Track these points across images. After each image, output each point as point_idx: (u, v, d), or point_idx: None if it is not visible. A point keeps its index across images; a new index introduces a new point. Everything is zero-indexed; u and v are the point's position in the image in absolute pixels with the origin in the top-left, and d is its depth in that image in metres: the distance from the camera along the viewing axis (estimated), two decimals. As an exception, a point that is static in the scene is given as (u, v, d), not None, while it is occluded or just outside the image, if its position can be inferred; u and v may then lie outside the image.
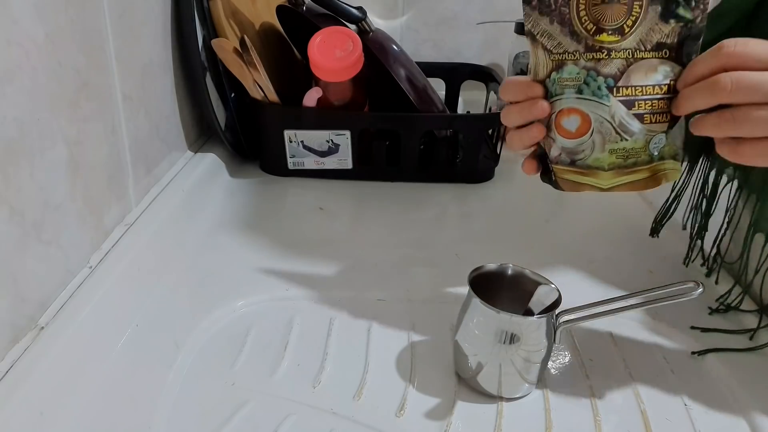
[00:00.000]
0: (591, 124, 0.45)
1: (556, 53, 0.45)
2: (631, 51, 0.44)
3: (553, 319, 0.50)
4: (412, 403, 0.50)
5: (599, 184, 0.47)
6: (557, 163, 0.47)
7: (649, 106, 0.45)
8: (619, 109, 0.45)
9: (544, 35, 0.45)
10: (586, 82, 0.45)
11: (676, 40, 0.44)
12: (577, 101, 0.45)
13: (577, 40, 0.45)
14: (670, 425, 0.49)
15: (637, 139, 0.45)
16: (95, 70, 0.58)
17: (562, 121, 0.46)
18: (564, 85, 0.45)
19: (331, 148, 0.90)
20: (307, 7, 0.92)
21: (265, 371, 0.53)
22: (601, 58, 0.44)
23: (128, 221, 0.66)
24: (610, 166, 0.46)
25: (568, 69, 0.45)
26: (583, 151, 0.46)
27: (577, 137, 0.46)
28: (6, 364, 0.45)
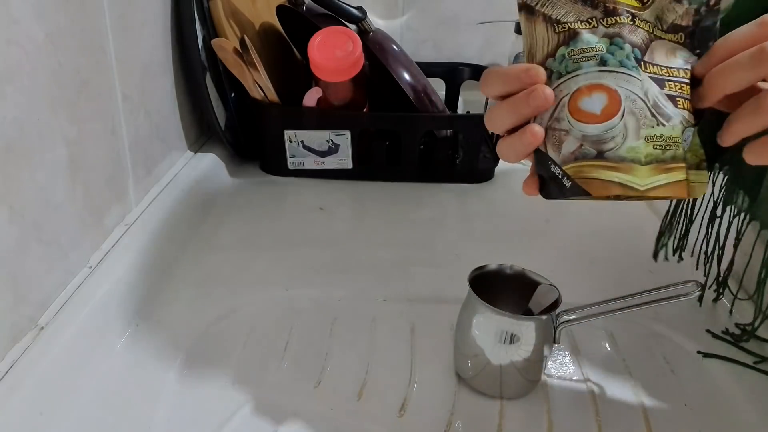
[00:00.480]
0: (621, 102, 0.36)
1: (564, 23, 0.37)
2: (651, 25, 0.38)
3: (553, 319, 0.50)
4: (412, 403, 0.50)
5: (635, 183, 0.37)
6: (576, 159, 0.37)
7: (678, 89, 0.37)
8: (652, 85, 0.37)
9: (546, 4, 0.37)
10: (610, 51, 0.37)
11: (690, 23, 0.38)
12: (599, 75, 0.37)
13: (592, 5, 0.37)
14: (670, 425, 0.49)
15: (674, 126, 0.37)
16: (95, 70, 0.58)
17: (581, 103, 0.37)
18: (580, 58, 0.37)
19: (331, 148, 0.90)
20: (307, 7, 0.92)
21: (265, 371, 0.53)
22: (625, 23, 0.37)
23: (128, 221, 0.66)
24: (647, 158, 0.37)
25: (585, 38, 0.37)
26: (614, 138, 0.37)
27: (604, 120, 0.37)
28: (6, 364, 0.45)
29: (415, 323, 0.60)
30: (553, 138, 0.38)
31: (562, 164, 0.38)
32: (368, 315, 0.61)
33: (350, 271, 0.68)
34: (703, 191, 0.38)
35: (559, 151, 0.38)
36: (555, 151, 0.38)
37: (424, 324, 0.60)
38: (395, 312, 0.61)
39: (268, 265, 0.69)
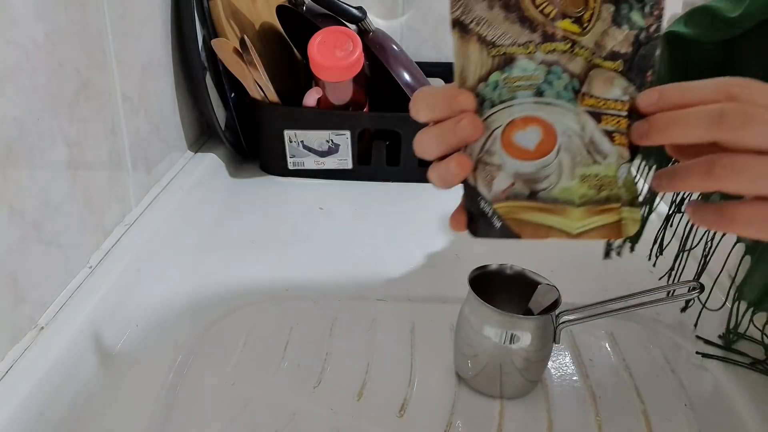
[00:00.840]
0: (557, 138, 0.34)
1: (500, 46, 0.34)
2: (590, 52, 0.35)
3: (553, 319, 0.50)
4: (412, 403, 0.50)
5: (567, 227, 0.35)
6: (508, 198, 0.35)
7: (615, 123, 0.35)
8: (589, 121, 0.34)
9: (481, 24, 0.34)
10: (548, 81, 0.34)
11: (630, 50, 0.35)
12: (535, 107, 0.34)
13: (530, 28, 0.34)
14: (670, 425, 0.49)
15: (610, 164, 0.35)
16: (95, 70, 0.58)
17: (515, 136, 0.34)
18: (516, 87, 0.34)
19: (331, 148, 0.90)
20: (307, 7, 0.93)
21: (265, 371, 0.53)
22: (564, 51, 0.34)
23: (128, 221, 0.66)
24: (581, 199, 0.35)
25: (521, 65, 0.34)
26: (548, 177, 0.34)
27: (538, 157, 0.34)
28: (6, 364, 0.45)
29: (415, 323, 0.60)
30: (484, 172, 0.35)
31: (492, 202, 0.35)
32: (368, 315, 0.61)
33: (350, 271, 0.68)
34: (636, 228, 0.36)
35: (490, 188, 0.35)
36: (485, 186, 0.35)
37: (424, 324, 0.60)
38: (395, 312, 0.61)
39: (268, 265, 0.69)
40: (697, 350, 0.56)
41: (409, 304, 0.63)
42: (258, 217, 0.81)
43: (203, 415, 0.48)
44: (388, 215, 0.84)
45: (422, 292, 0.65)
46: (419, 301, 0.63)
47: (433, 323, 0.59)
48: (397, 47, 0.94)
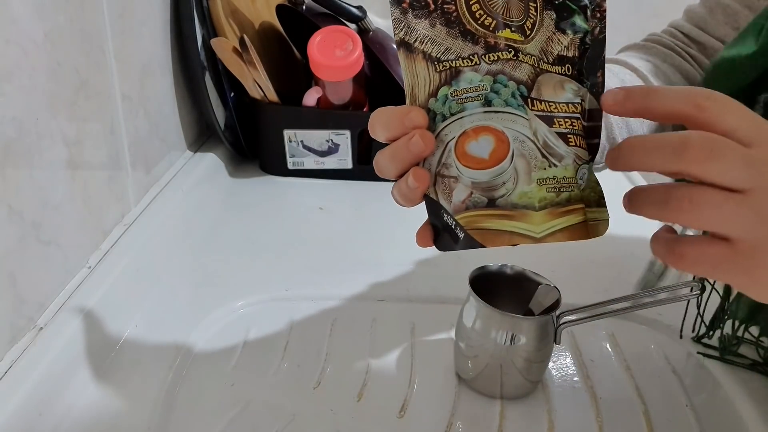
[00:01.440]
0: (509, 144, 0.34)
1: (445, 61, 0.35)
2: (536, 59, 0.35)
3: (553, 319, 0.50)
4: (412, 404, 0.50)
5: (531, 231, 0.35)
6: (468, 208, 0.35)
7: (569, 125, 0.35)
8: (540, 125, 0.35)
9: (424, 41, 0.35)
10: (495, 90, 0.34)
11: (576, 54, 0.36)
12: (485, 116, 0.34)
13: (473, 41, 0.34)
14: (671, 426, 0.49)
15: (567, 165, 0.35)
16: (94, 69, 0.58)
17: (468, 147, 0.34)
18: (464, 99, 0.34)
19: (330, 147, 0.90)
20: (306, 7, 0.92)
21: (265, 372, 0.53)
22: (508, 59, 0.34)
23: (127, 221, 0.66)
24: (541, 203, 0.34)
25: (467, 77, 0.34)
26: (504, 184, 0.34)
27: (492, 165, 0.34)
28: (5, 364, 0.45)
29: (415, 323, 0.60)
30: (443, 185, 0.35)
31: (453, 213, 0.35)
32: (368, 315, 0.61)
33: (350, 271, 0.68)
34: (605, 228, 0.36)
35: (450, 199, 0.35)
36: (446, 199, 0.36)
37: (424, 324, 0.60)
38: (395, 312, 0.61)
39: (268, 265, 0.69)
40: (698, 350, 0.56)
41: (409, 304, 0.63)
42: (257, 217, 0.81)
43: (203, 415, 0.48)
44: (388, 215, 0.83)
45: (422, 292, 0.65)
46: (419, 301, 0.63)
47: (433, 323, 0.59)
48: (397, 47, 0.93)
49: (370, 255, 0.71)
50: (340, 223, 0.81)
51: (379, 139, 0.36)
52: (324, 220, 0.82)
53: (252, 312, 0.61)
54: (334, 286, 0.65)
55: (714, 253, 0.30)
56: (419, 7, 0.34)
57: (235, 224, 0.79)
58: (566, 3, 0.35)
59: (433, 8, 0.34)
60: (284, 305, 0.62)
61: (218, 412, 0.48)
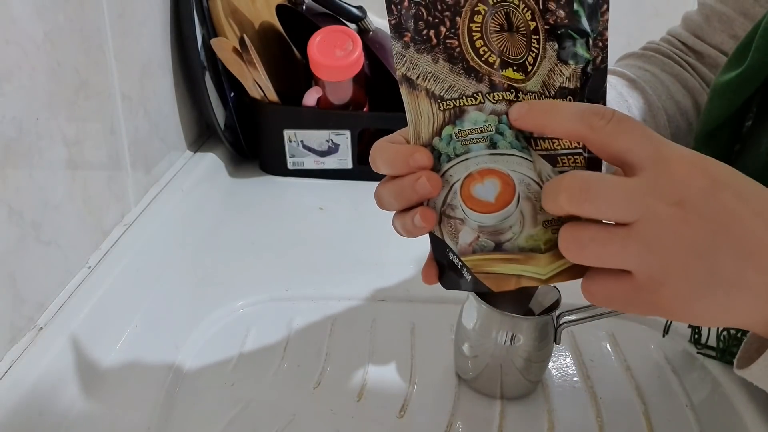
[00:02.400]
0: (515, 187, 0.34)
1: (448, 99, 0.34)
2: (538, 95, 0.34)
3: (553, 319, 0.50)
4: (412, 404, 0.50)
5: (537, 273, 0.35)
6: (474, 252, 0.35)
7: (572, 163, 0.34)
8: (545, 166, 0.34)
9: (427, 78, 0.34)
10: (500, 131, 0.34)
11: (578, 84, 0.35)
12: (491, 159, 0.34)
13: (477, 78, 0.34)
14: (671, 426, 0.49)
15: None
16: (94, 69, 0.58)
17: (474, 190, 0.34)
18: (469, 140, 0.34)
19: (330, 147, 0.90)
20: (306, 6, 0.92)
21: (265, 372, 0.53)
22: (511, 100, 0.34)
23: (127, 221, 0.66)
24: (547, 245, 0.34)
25: (472, 117, 0.34)
26: (511, 228, 0.34)
27: (499, 208, 0.34)
28: (5, 364, 0.45)
29: (415, 323, 0.60)
30: (449, 225, 0.35)
31: (460, 255, 0.35)
32: (368, 315, 0.61)
33: (350, 271, 0.68)
34: None
35: (456, 241, 0.35)
36: (452, 239, 0.36)
37: (424, 324, 0.60)
38: (395, 312, 0.61)
39: (268, 265, 0.69)
40: (699, 350, 0.56)
41: (409, 304, 0.63)
42: (257, 217, 0.81)
43: (203, 415, 0.48)
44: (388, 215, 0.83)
45: (422, 292, 0.65)
46: (419, 301, 0.63)
47: (433, 323, 0.59)
48: (397, 47, 0.93)
49: (370, 255, 0.71)
50: (340, 223, 0.81)
51: (381, 173, 0.36)
52: (324, 220, 0.82)
53: (252, 312, 0.61)
54: (334, 286, 0.65)
55: (619, 290, 0.30)
56: (421, 41, 0.34)
57: (235, 224, 0.79)
58: (569, 32, 0.34)
59: (435, 43, 0.34)
60: (284, 305, 0.62)
61: (218, 412, 0.48)
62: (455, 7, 0.33)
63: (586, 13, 0.35)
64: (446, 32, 0.34)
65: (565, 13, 0.34)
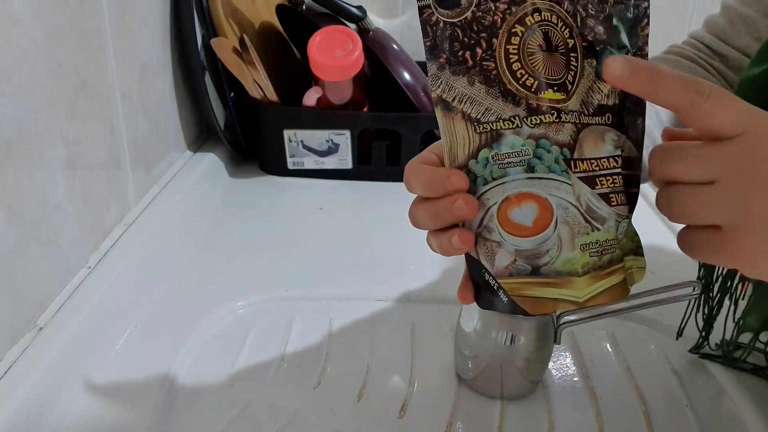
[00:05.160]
0: (553, 212, 0.34)
1: (485, 122, 0.33)
2: (577, 114, 0.34)
3: (553, 319, 0.50)
4: (412, 404, 0.50)
5: (574, 296, 0.35)
6: (511, 275, 0.35)
7: (611, 183, 0.34)
8: (583, 188, 0.34)
9: (463, 101, 0.33)
10: (538, 156, 0.33)
11: (616, 101, 0.35)
12: (528, 183, 0.34)
13: (514, 102, 0.33)
14: (671, 426, 0.49)
15: (609, 228, 0.35)
16: (94, 69, 0.58)
17: (512, 213, 0.34)
18: (507, 164, 0.33)
19: (330, 147, 0.90)
20: (306, 6, 0.92)
21: (265, 372, 0.53)
22: (551, 122, 0.33)
23: (127, 221, 0.66)
24: (584, 268, 0.34)
25: (509, 141, 0.33)
26: (548, 252, 0.34)
27: (536, 233, 0.34)
28: (5, 364, 0.45)
29: (415, 323, 0.60)
30: (485, 248, 0.35)
31: (497, 277, 0.35)
32: (368, 315, 0.61)
33: (350, 271, 0.68)
34: (641, 276, 0.36)
35: (493, 263, 0.35)
36: (488, 261, 0.35)
37: (424, 324, 0.60)
38: (395, 312, 0.61)
39: (268, 265, 0.69)
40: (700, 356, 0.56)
41: (409, 304, 0.63)
42: (257, 217, 0.81)
43: (203, 415, 0.48)
44: (388, 215, 0.83)
45: (422, 292, 0.65)
46: (419, 301, 0.63)
47: (433, 323, 0.59)
48: (397, 47, 0.93)
49: (370, 255, 0.71)
50: (340, 223, 0.81)
51: (416, 194, 0.37)
52: (324, 220, 0.82)
53: (252, 312, 0.61)
54: (334, 286, 0.65)
55: (706, 240, 0.32)
56: (457, 63, 0.33)
57: (235, 224, 0.79)
58: (608, 48, 0.34)
59: (471, 64, 0.33)
60: (284, 305, 0.62)
61: (218, 412, 0.48)
62: (492, 28, 0.33)
63: (625, 28, 0.34)
64: (482, 54, 0.33)
65: (604, 28, 0.34)
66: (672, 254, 0.71)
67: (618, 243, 0.35)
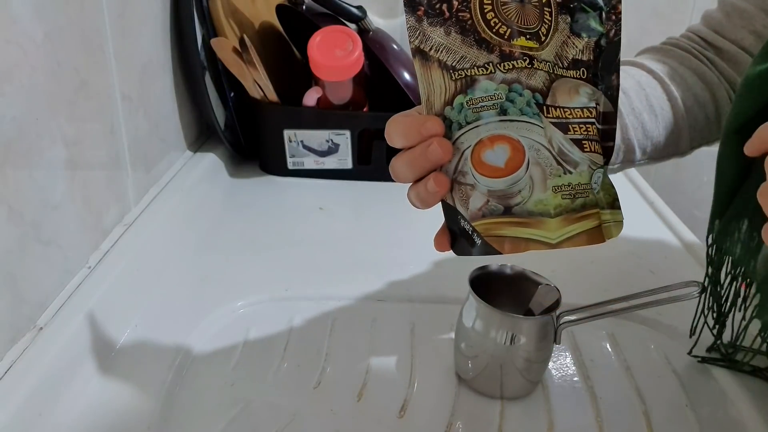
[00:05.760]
0: (525, 153, 0.35)
1: (460, 69, 0.35)
2: (551, 65, 0.35)
3: (553, 319, 0.50)
4: (412, 404, 0.50)
5: (546, 237, 0.35)
6: (484, 216, 0.36)
7: (584, 131, 0.36)
8: (555, 132, 0.35)
9: (440, 50, 0.35)
10: (510, 99, 0.35)
11: (591, 57, 0.36)
12: (501, 125, 0.35)
13: (488, 49, 0.35)
14: (671, 426, 0.49)
15: (582, 172, 0.36)
16: (94, 69, 0.58)
17: (484, 155, 0.35)
18: (480, 108, 0.35)
19: (330, 147, 0.90)
20: (306, 6, 0.92)
21: (265, 372, 0.53)
22: (523, 67, 0.35)
23: (127, 221, 0.66)
24: (557, 209, 0.35)
25: (483, 86, 0.35)
26: (520, 192, 0.35)
27: (508, 173, 0.35)
28: (5, 364, 0.45)
29: (415, 323, 0.60)
30: (460, 192, 0.36)
31: (470, 220, 0.36)
32: (368, 315, 0.61)
33: (350, 271, 0.68)
34: (619, 230, 0.37)
35: (467, 207, 0.36)
36: (462, 205, 0.36)
37: (424, 324, 0.60)
38: (395, 312, 0.61)
39: (268, 265, 0.69)
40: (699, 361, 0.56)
41: (409, 304, 0.63)
42: (257, 217, 0.81)
43: (203, 415, 0.48)
44: (388, 215, 0.83)
45: (422, 292, 0.65)
46: (419, 301, 0.63)
47: (433, 323, 0.59)
48: (397, 46, 0.94)
49: (370, 255, 0.71)
50: (340, 223, 0.81)
51: (396, 146, 0.37)
52: (324, 220, 0.82)
53: (252, 312, 0.61)
54: (334, 286, 0.65)
55: None
56: (434, 14, 0.34)
57: (235, 224, 0.79)
58: (582, 6, 0.35)
59: (448, 16, 0.34)
60: (284, 305, 0.62)
61: (218, 412, 0.48)
62: None
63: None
64: (458, 5, 0.34)
65: None
66: (672, 254, 0.71)
67: (591, 189, 0.36)
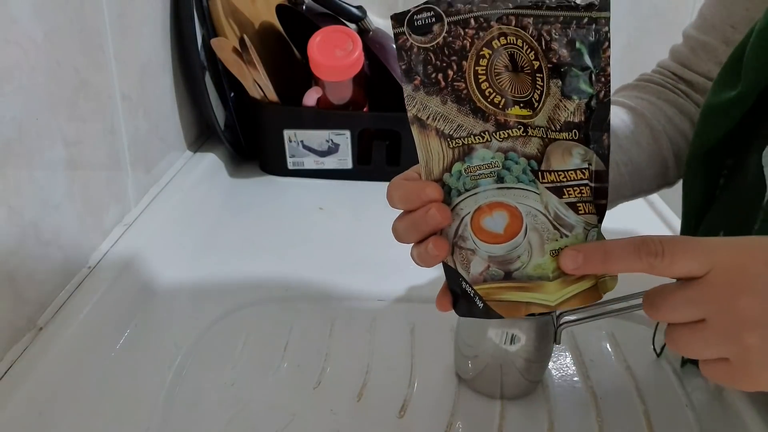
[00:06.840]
0: (522, 219, 0.36)
1: (457, 138, 0.36)
2: (545, 129, 0.36)
3: (553, 319, 0.50)
4: (412, 404, 0.50)
5: (546, 300, 0.37)
6: (485, 281, 0.37)
7: (578, 193, 0.37)
8: (551, 198, 0.36)
9: (437, 119, 0.36)
10: (507, 167, 0.36)
11: (582, 118, 0.37)
12: (498, 193, 0.36)
13: (483, 118, 0.36)
14: (671, 426, 0.49)
15: (577, 234, 0.37)
16: (94, 69, 0.58)
17: (483, 222, 0.36)
18: (477, 175, 0.36)
19: (330, 147, 0.90)
20: (306, 7, 0.92)
21: (265, 372, 0.53)
22: (518, 136, 0.36)
23: (127, 221, 0.66)
24: (555, 273, 0.36)
25: (480, 154, 0.36)
26: (519, 257, 0.36)
27: (507, 239, 0.36)
28: (5, 364, 0.45)
29: (415, 323, 0.60)
30: (461, 256, 0.37)
31: (472, 284, 0.37)
32: (368, 315, 0.61)
33: (350, 271, 0.68)
34: (614, 284, 0.38)
35: (468, 270, 0.37)
36: (464, 269, 0.38)
37: (424, 324, 0.60)
38: (395, 312, 0.61)
39: (268, 264, 0.69)
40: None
41: (409, 304, 0.63)
42: (257, 217, 0.81)
43: (203, 415, 0.48)
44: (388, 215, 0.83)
45: (422, 292, 0.65)
46: (419, 301, 0.63)
47: (433, 323, 0.59)
48: (397, 47, 0.93)
49: (370, 255, 0.71)
50: (340, 223, 0.81)
51: (397, 208, 0.39)
52: (324, 220, 0.82)
53: (252, 312, 0.61)
54: (334, 286, 0.65)
55: (722, 372, 0.33)
56: (430, 84, 0.36)
57: (234, 224, 0.79)
58: (572, 69, 0.36)
59: (444, 86, 0.36)
60: (284, 305, 0.62)
61: (218, 412, 0.48)
62: (461, 52, 0.35)
63: (587, 50, 0.36)
64: (453, 75, 0.36)
65: (568, 51, 0.36)
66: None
67: None
